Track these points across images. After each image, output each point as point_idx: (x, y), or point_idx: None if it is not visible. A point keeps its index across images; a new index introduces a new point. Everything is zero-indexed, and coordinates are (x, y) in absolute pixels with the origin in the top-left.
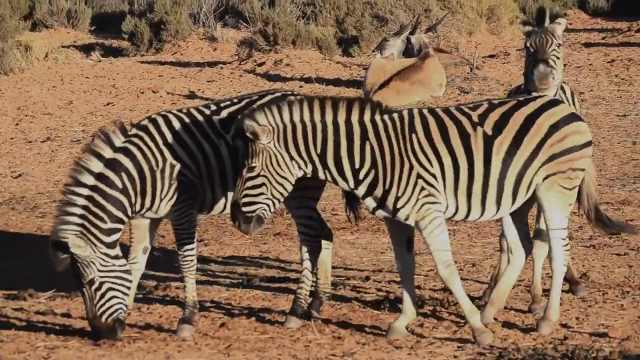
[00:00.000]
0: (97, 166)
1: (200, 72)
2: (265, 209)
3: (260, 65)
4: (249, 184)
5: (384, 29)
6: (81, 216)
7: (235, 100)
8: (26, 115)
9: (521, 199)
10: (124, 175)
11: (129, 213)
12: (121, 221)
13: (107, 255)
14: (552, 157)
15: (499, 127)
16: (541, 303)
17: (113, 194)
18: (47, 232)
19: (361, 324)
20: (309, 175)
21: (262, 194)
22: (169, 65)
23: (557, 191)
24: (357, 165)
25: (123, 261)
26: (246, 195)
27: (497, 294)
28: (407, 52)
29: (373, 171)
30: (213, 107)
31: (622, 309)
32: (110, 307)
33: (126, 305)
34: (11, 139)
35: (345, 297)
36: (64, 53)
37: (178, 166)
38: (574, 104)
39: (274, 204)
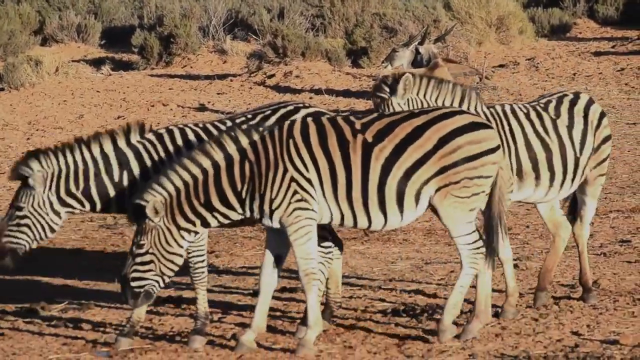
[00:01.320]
0: (109, 148)
1: (210, 85)
2: (154, 285)
3: (270, 77)
4: (138, 260)
5: (393, 40)
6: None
7: (249, 116)
8: (37, 130)
9: (411, 209)
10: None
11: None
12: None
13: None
14: (443, 169)
15: (381, 135)
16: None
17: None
18: (57, 245)
19: (372, 333)
20: (200, 232)
21: (150, 270)
22: (179, 78)
23: (452, 202)
24: (239, 189)
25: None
26: (135, 271)
27: (480, 307)
28: (416, 62)
29: (251, 184)
30: (228, 123)
31: (633, 316)
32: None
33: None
34: (22, 153)
35: (356, 307)
36: (75, 67)
37: None
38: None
39: (162, 280)
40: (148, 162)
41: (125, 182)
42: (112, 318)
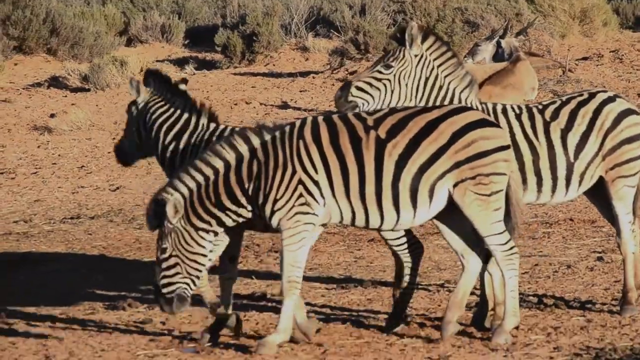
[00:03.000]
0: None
1: (293, 83)
2: (184, 288)
3: (352, 73)
4: (164, 265)
5: (475, 35)
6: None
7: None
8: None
9: (425, 206)
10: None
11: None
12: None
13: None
14: (457, 164)
15: (394, 130)
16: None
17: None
18: (145, 244)
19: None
20: (220, 232)
21: (178, 273)
22: (261, 76)
23: (474, 199)
24: (246, 186)
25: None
26: (164, 277)
27: (455, 299)
28: (497, 56)
29: (257, 182)
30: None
31: None
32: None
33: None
34: (108, 152)
35: (440, 301)
36: (159, 67)
37: None
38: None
39: (192, 282)
40: None
41: None
42: (198, 315)
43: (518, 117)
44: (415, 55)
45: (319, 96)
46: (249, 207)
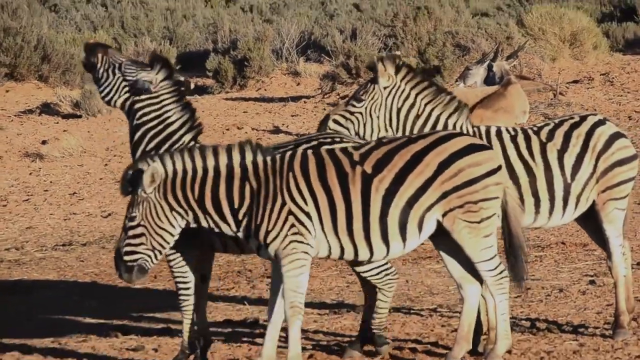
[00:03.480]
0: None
1: (284, 107)
2: (146, 260)
3: (343, 98)
4: (130, 233)
5: (466, 58)
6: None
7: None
8: (115, 156)
9: (414, 237)
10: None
11: None
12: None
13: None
14: (444, 195)
15: (380, 165)
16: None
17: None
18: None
19: (448, 349)
20: (192, 225)
21: (142, 244)
22: (253, 101)
23: (463, 226)
24: (236, 206)
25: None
26: (128, 245)
27: (462, 333)
28: (489, 80)
29: (250, 210)
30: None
31: None
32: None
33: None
34: (100, 179)
35: (433, 325)
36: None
37: None
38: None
39: (155, 255)
40: None
41: None
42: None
43: (513, 138)
44: (385, 87)
45: (310, 121)
46: (233, 228)
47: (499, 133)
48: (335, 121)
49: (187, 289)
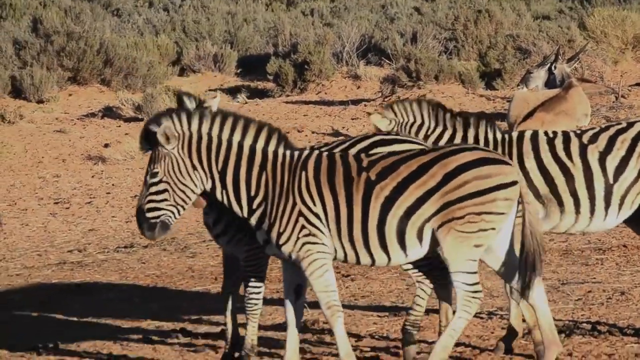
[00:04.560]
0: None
1: (344, 110)
2: (169, 216)
3: None
4: (153, 189)
5: (527, 61)
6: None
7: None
8: None
9: (415, 247)
10: None
11: None
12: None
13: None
14: (445, 206)
15: (384, 173)
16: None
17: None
18: (197, 272)
19: (509, 355)
20: (208, 192)
21: (165, 200)
22: (313, 105)
23: (455, 235)
24: (252, 193)
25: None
26: (150, 201)
27: (547, 337)
28: (550, 83)
29: (264, 203)
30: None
31: None
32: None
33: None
34: None
35: (493, 328)
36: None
37: None
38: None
39: (177, 211)
40: None
41: None
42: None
43: (550, 140)
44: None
45: (370, 124)
46: (245, 214)
47: (534, 136)
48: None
49: (258, 293)
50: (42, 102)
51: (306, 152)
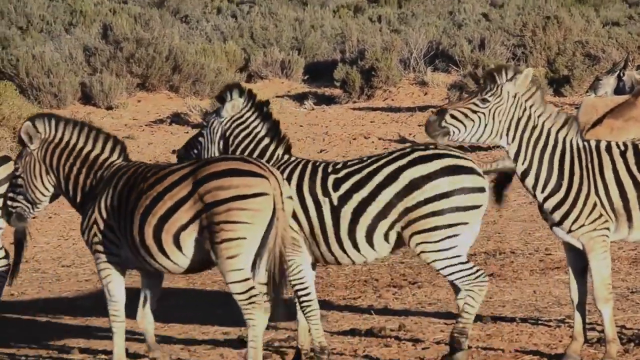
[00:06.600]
0: None
1: (411, 117)
2: (24, 209)
3: None
4: (13, 181)
5: (595, 68)
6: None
7: None
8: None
9: (176, 254)
10: None
11: None
12: None
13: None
14: (197, 214)
15: (154, 184)
16: None
17: None
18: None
19: None
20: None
21: (21, 194)
22: (380, 111)
23: (212, 245)
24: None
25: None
26: (12, 191)
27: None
28: (619, 89)
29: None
30: None
31: None
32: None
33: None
34: None
35: (561, 336)
36: (279, 103)
37: None
38: None
39: (32, 207)
40: None
41: None
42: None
43: (623, 153)
44: (512, 94)
45: None
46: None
47: (608, 147)
48: (453, 116)
49: (308, 294)
50: (111, 108)
51: (291, 165)
